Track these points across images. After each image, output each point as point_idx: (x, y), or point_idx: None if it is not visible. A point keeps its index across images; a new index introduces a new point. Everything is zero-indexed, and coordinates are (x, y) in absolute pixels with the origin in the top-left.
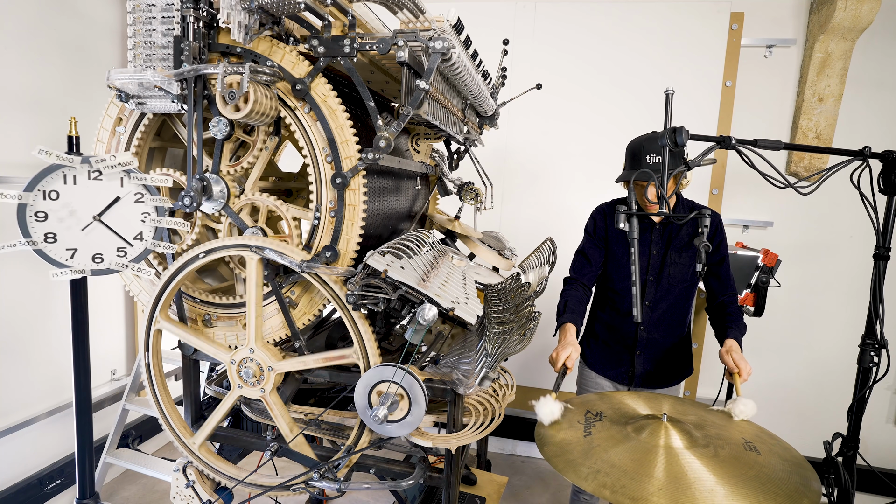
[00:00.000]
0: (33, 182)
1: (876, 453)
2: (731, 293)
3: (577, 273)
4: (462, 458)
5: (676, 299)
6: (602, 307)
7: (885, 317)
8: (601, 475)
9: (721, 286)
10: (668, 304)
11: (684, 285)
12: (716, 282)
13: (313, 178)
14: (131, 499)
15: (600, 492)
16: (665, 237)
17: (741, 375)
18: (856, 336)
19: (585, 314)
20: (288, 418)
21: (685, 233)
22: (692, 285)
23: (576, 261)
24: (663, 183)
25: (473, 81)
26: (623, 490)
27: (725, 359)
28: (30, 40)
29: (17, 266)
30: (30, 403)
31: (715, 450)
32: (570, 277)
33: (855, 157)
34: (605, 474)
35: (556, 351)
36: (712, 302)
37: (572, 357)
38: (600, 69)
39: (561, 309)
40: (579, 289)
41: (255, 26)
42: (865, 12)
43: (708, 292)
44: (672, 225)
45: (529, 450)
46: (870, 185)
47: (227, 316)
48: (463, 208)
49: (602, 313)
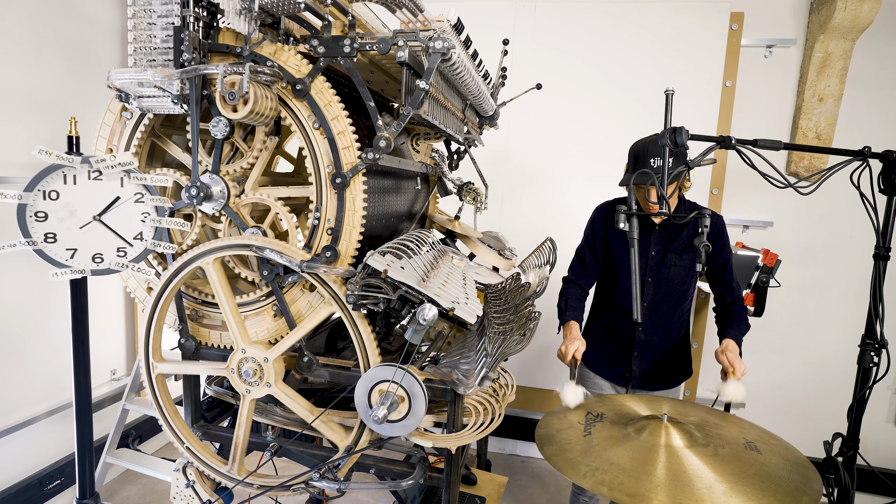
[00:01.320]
0: (33, 182)
1: (876, 453)
2: (736, 296)
3: (575, 275)
4: (462, 458)
5: (676, 302)
6: (601, 307)
7: (885, 317)
8: (599, 473)
9: (726, 289)
10: (668, 306)
11: (683, 288)
12: (720, 286)
13: (313, 178)
14: (131, 499)
15: (598, 489)
16: (665, 239)
17: (734, 374)
18: (856, 336)
19: (585, 310)
20: (303, 402)
21: (685, 235)
22: (691, 288)
23: (573, 262)
24: (663, 183)
25: (473, 81)
26: (621, 487)
27: (720, 358)
28: (30, 40)
29: (17, 266)
30: (30, 403)
31: (715, 449)
32: (568, 277)
33: (855, 157)
34: (604, 472)
35: (564, 345)
36: (718, 304)
37: (579, 350)
38: (600, 69)
39: (562, 307)
40: (577, 288)
41: (255, 34)
42: (865, 12)
43: (714, 295)
44: (672, 226)
45: (529, 450)
46: (870, 185)
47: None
48: (463, 208)
49: (601, 313)
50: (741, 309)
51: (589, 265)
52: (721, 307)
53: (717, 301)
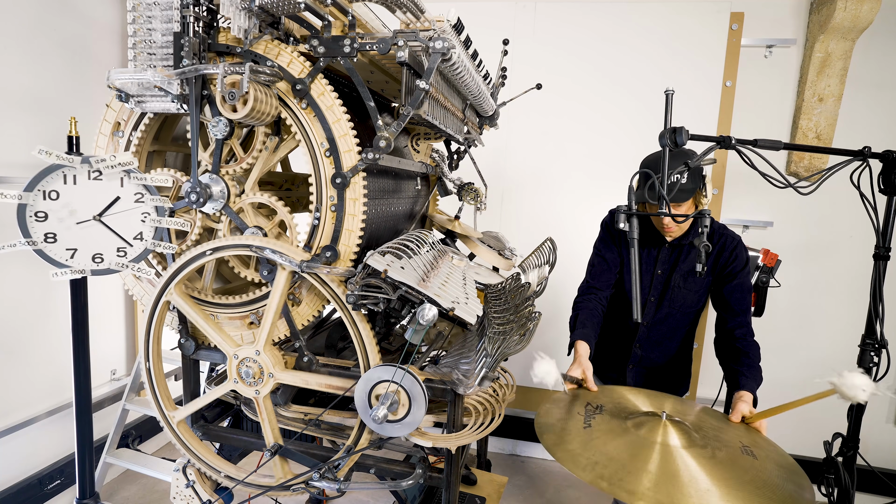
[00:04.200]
0: (33, 182)
1: (876, 453)
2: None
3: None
4: (462, 458)
5: (676, 324)
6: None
7: (885, 317)
8: (599, 467)
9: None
10: (668, 327)
11: (687, 311)
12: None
13: (314, 178)
14: (131, 499)
15: (598, 483)
16: (672, 259)
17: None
18: (856, 336)
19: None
20: (274, 426)
21: (693, 257)
22: (695, 313)
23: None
24: (663, 183)
25: (473, 81)
26: (621, 483)
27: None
28: (30, 40)
29: (17, 266)
30: (30, 403)
31: (713, 451)
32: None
33: (855, 157)
34: (604, 466)
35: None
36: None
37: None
38: (600, 69)
39: (571, 324)
40: (592, 301)
41: (255, 30)
42: (865, 12)
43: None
44: (682, 247)
45: (529, 450)
46: (870, 185)
47: (228, 316)
48: (463, 208)
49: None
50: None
51: (611, 262)
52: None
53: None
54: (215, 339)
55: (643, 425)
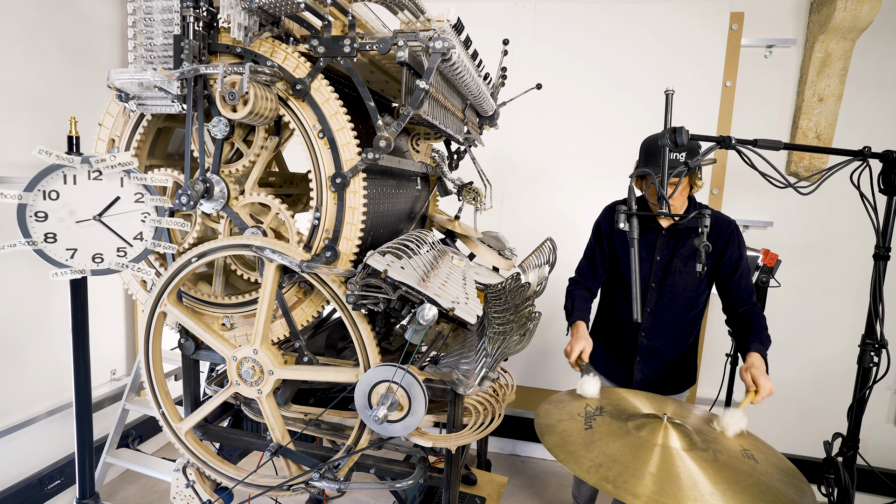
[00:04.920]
0: (33, 182)
1: (876, 453)
2: (749, 303)
3: (582, 276)
4: (462, 458)
5: (681, 309)
6: (604, 310)
7: (885, 317)
8: (603, 469)
9: (734, 296)
10: (672, 313)
11: (690, 295)
12: (726, 292)
13: (314, 178)
14: (131, 499)
15: (602, 486)
16: (671, 244)
17: (758, 394)
18: (856, 336)
19: (592, 311)
20: (281, 423)
21: (692, 241)
22: (698, 296)
23: (581, 264)
24: (664, 183)
25: (473, 81)
26: (625, 486)
27: (744, 376)
28: (30, 40)
29: (17, 266)
30: (30, 403)
31: (714, 454)
32: (574, 279)
33: (855, 157)
34: (607, 468)
35: (571, 345)
36: (729, 313)
37: (586, 350)
38: (600, 69)
39: (569, 308)
40: (583, 290)
41: (254, 27)
42: (865, 12)
43: (723, 306)
44: (679, 232)
45: (529, 450)
46: (870, 185)
47: (243, 315)
48: (463, 208)
49: (604, 316)
50: (760, 321)
51: (597, 265)
52: (734, 317)
53: (727, 312)
54: (212, 343)
55: (644, 427)
